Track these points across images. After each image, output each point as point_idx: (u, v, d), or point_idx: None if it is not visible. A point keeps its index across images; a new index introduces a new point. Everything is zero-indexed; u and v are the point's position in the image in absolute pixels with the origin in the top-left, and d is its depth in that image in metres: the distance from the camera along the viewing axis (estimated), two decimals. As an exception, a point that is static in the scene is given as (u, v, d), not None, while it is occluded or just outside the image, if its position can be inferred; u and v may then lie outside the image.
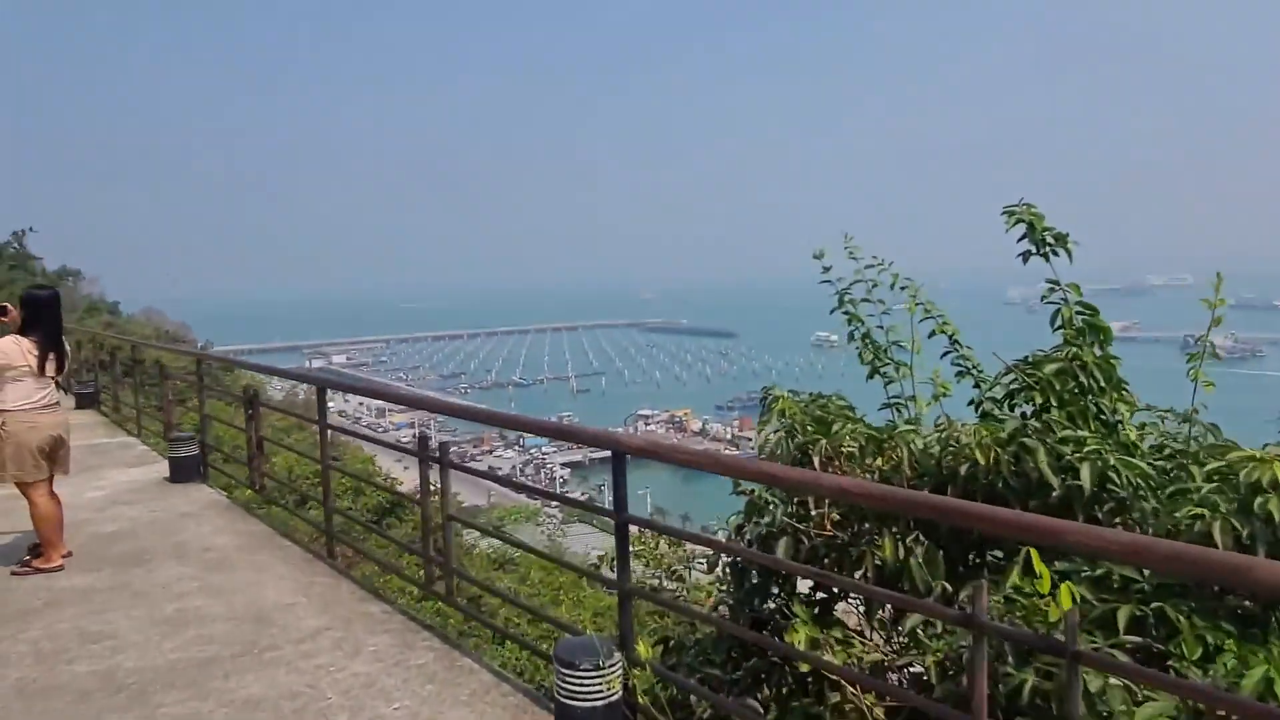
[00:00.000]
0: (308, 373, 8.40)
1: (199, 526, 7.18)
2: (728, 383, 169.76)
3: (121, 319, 60.94)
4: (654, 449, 3.42)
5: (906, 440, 3.59)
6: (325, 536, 6.31)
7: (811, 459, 3.78)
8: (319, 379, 6.65)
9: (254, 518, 7.45)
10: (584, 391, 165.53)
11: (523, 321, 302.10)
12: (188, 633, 4.93)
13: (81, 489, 8.54)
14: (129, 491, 8.44)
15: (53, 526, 6.13)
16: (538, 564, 16.29)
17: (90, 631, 5.00)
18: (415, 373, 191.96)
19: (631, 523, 3.64)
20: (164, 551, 6.52)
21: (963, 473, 3.41)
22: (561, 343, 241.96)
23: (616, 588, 3.62)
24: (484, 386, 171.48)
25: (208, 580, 5.84)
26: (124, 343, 13.39)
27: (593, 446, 3.58)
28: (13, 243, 50.85)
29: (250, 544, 6.67)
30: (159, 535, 6.94)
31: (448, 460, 4.75)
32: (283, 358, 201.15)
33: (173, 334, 69.45)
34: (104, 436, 11.50)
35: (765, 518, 3.86)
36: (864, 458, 3.69)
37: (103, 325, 40.10)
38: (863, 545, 3.55)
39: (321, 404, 6.26)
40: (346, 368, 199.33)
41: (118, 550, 6.58)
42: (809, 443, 3.82)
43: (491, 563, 16.16)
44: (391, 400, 4.93)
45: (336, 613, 5.19)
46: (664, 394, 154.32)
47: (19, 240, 51.33)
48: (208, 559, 6.31)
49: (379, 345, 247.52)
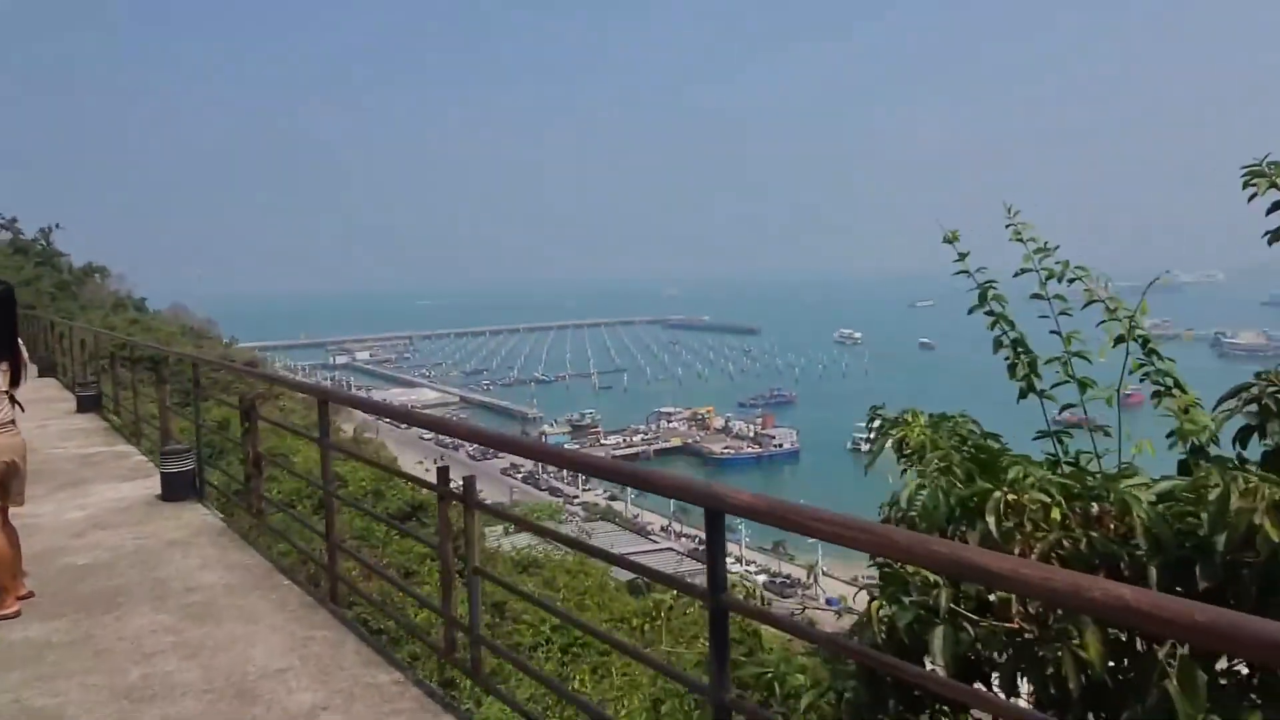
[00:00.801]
0: (310, 383, 7.42)
1: (186, 559, 6.20)
2: (750, 380, 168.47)
3: (147, 315, 60.78)
4: (768, 510, 2.38)
5: (1132, 497, 2.50)
6: (329, 577, 5.31)
7: (977, 521, 2.71)
8: (321, 390, 5.63)
9: (250, 548, 6.47)
10: (606, 389, 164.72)
11: (545, 319, 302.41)
12: (150, 712, 3.95)
13: (64, 508, 7.63)
14: (115, 512, 7.49)
15: (4, 567, 5.17)
16: (563, 568, 15.31)
17: (33, 709, 4.03)
18: (438, 369, 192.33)
19: (734, 609, 2.60)
20: (141, 592, 5.55)
21: (1226, 551, 2.32)
22: (584, 339, 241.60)
23: (711, 699, 2.57)
24: (506, 384, 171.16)
25: (186, 634, 4.86)
26: (123, 342, 12.51)
27: (679, 499, 2.53)
28: (40, 239, 50.63)
29: (242, 583, 5.68)
30: (139, 569, 5.98)
31: (474, 500, 3.73)
32: (307, 354, 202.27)
33: (198, 330, 69.38)
34: (100, 444, 10.60)
35: (912, 595, 2.79)
36: (1061, 521, 2.61)
37: (128, 321, 39.62)
38: (1056, 646, 2.48)
39: (324, 420, 5.25)
40: (370, 364, 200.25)
41: (88, 589, 5.62)
42: (975, 498, 2.74)
43: (515, 565, 15.18)
44: (401, 420, 3.98)
45: (337, 683, 4.19)
46: (686, 391, 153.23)
47: (46, 237, 51.10)
48: (190, 603, 5.33)
49: (402, 342, 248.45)
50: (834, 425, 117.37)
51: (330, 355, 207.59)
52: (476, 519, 3.73)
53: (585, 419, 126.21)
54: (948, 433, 3.39)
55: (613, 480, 3.05)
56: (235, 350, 52.80)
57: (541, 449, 4.81)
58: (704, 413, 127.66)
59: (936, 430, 3.60)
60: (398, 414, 5.14)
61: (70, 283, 48.75)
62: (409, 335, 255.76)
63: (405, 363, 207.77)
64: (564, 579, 14.39)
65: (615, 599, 15.24)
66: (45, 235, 51.00)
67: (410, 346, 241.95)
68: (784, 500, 2.43)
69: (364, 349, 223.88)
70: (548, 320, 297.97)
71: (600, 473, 3.18)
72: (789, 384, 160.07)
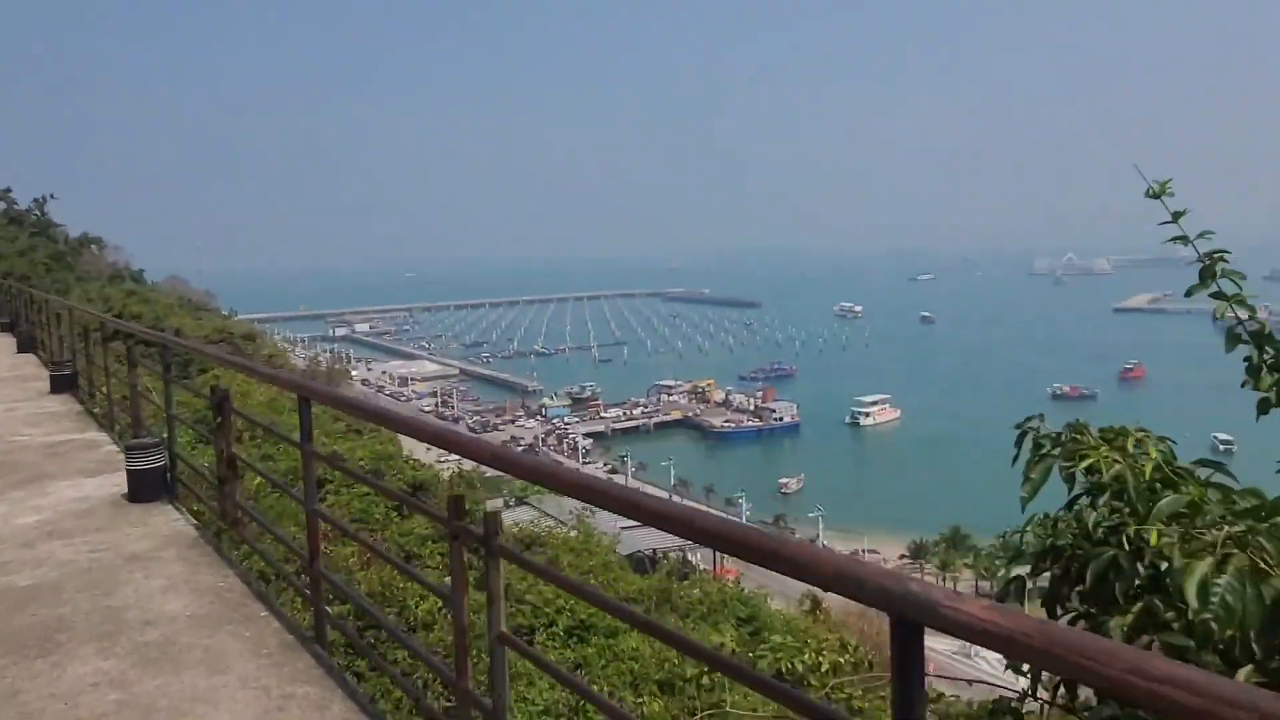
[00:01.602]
0: (290, 376, 6.43)
1: (147, 579, 5.26)
2: (750, 353, 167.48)
3: (145, 287, 59.62)
4: (1024, 636, 1.42)
5: None
6: (314, 614, 4.37)
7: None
8: (301, 385, 4.63)
9: (225, 564, 5.52)
10: (606, 361, 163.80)
11: (546, 291, 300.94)
12: (75, 816, 3.02)
13: (16, 510, 6.69)
14: (74, 515, 6.54)
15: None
16: (565, 547, 14.47)
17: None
18: (438, 342, 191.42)
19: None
20: (89, 626, 4.61)
21: None
22: (584, 312, 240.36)
23: None
24: (506, 356, 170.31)
25: (136, 688, 3.92)
26: (98, 320, 11.48)
27: (840, 592, 1.53)
28: (34, 209, 49.33)
29: (211, 613, 4.74)
30: (89, 594, 5.03)
31: (498, 546, 2.77)
32: (306, 326, 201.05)
33: (196, 302, 68.24)
34: (70, 431, 9.64)
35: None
36: None
37: (125, 293, 38.49)
38: None
39: (305, 421, 4.27)
40: (369, 336, 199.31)
41: (26, 621, 4.68)
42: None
43: (518, 543, 14.32)
44: (372, 419, 3.24)
45: (320, 769, 3.26)
46: (686, 364, 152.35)
47: (40, 207, 49.76)
48: (146, 643, 4.39)
49: (401, 314, 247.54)
50: (834, 398, 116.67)
51: (330, 327, 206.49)
52: (500, 573, 2.77)
53: (585, 391, 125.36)
54: (1159, 461, 2.41)
55: (696, 540, 1.85)
56: (234, 323, 51.74)
57: (535, 467, 3.68)
58: (704, 385, 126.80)
59: (1119, 448, 2.64)
60: (368, 413, 4.14)
61: (66, 253, 47.57)
62: (409, 308, 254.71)
63: (405, 334, 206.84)
64: (568, 557, 13.58)
65: (620, 578, 14.44)
66: (40, 205, 49.69)
67: (410, 318, 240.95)
68: (1026, 615, 1.48)
69: (364, 321, 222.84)
70: (548, 293, 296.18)
71: (669, 523, 2.16)
72: (789, 357, 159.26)
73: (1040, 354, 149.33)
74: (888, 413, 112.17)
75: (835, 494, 76.16)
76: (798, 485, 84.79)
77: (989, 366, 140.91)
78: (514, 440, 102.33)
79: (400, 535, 10.29)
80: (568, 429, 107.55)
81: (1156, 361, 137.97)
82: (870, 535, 69.36)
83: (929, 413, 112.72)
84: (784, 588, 68.69)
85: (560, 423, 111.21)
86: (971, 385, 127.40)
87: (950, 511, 66.47)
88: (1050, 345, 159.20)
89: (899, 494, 79.98)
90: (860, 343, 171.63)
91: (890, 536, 67.83)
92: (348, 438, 14.75)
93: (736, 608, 14.40)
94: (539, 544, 14.71)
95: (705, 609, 13.03)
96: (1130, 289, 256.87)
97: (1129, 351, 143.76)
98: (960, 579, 59.18)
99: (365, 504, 10.38)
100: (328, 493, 10.76)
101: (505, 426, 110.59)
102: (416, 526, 9.94)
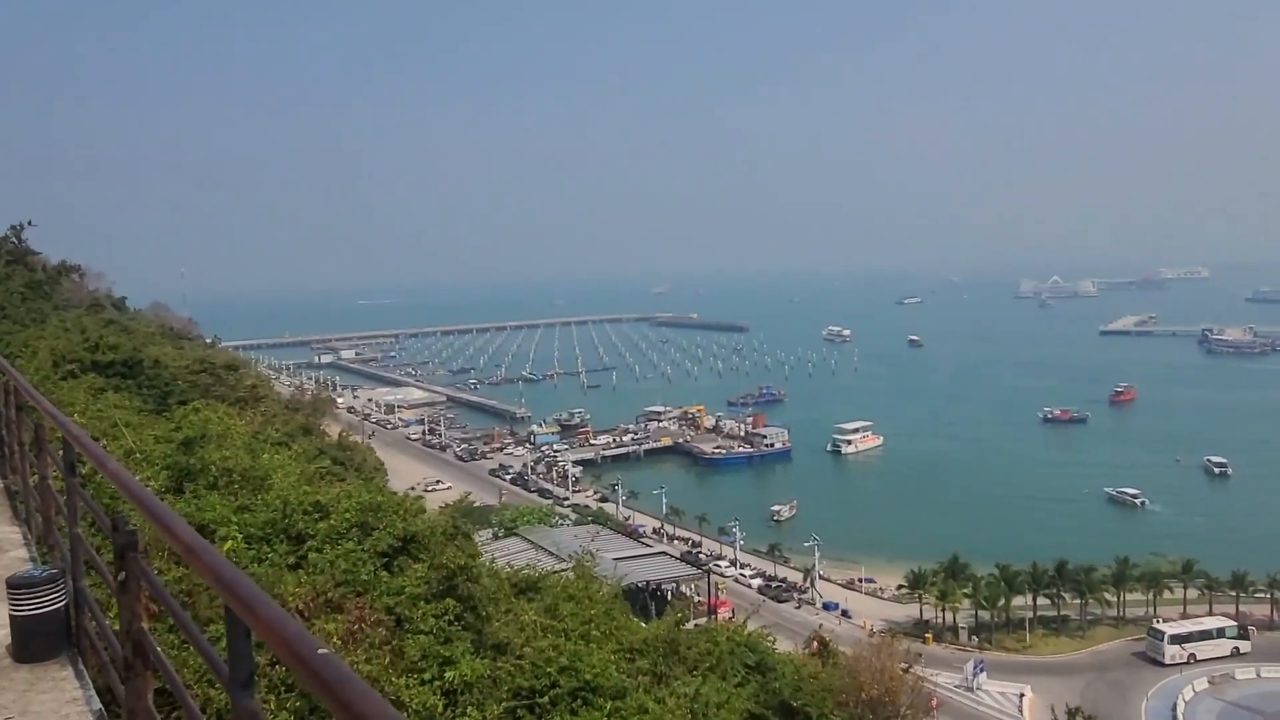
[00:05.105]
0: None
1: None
2: (739, 378, 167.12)
3: (126, 314, 58.58)
4: None
5: None
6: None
7: None
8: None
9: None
10: (595, 387, 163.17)
11: (533, 316, 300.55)
12: None
13: None
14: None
15: None
16: (563, 594, 13.84)
17: None
18: (425, 368, 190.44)
19: None
20: None
21: None
22: (571, 337, 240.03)
23: None
24: (493, 382, 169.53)
25: None
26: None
27: None
28: (11, 237, 48.42)
29: None
30: None
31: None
32: (291, 353, 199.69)
33: (179, 330, 67.29)
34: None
35: None
36: None
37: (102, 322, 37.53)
38: None
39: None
40: (355, 363, 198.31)
41: None
42: None
43: (513, 588, 13.74)
44: None
45: None
46: (675, 389, 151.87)
47: (17, 235, 48.92)
48: None
49: (388, 340, 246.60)
50: (824, 425, 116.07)
51: (315, 354, 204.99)
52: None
53: (574, 418, 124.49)
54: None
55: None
56: (216, 352, 50.73)
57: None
58: (694, 411, 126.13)
59: None
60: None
61: (43, 282, 46.69)
62: (395, 333, 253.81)
63: (391, 361, 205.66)
64: (567, 607, 12.94)
65: (624, 626, 13.81)
66: (16, 233, 48.90)
67: (396, 344, 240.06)
68: None
69: (349, 347, 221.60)
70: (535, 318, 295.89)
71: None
72: (778, 381, 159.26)
73: (1029, 377, 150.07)
74: (870, 440, 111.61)
75: (829, 521, 75.58)
76: (790, 513, 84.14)
77: (979, 390, 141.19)
78: (503, 469, 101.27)
79: (389, 596, 9.57)
80: (557, 456, 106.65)
81: (1145, 383, 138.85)
82: (867, 563, 68.72)
83: (920, 437, 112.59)
84: (788, 622, 67.20)
85: (549, 450, 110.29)
86: (962, 409, 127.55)
87: (946, 539, 65.95)
88: (1039, 368, 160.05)
89: (892, 521, 79.54)
90: (849, 367, 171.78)
91: (889, 565, 67.20)
92: (333, 486, 14.00)
93: (744, 654, 13.89)
94: (535, 589, 14.11)
95: (714, 659, 12.48)
96: (1116, 311, 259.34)
97: (1117, 373, 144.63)
98: (960, 609, 58.18)
99: (350, 563, 9.66)
100: (309, 549, 9.84)
101: (494, 454, 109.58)
102: (407, 585, 9.18)
